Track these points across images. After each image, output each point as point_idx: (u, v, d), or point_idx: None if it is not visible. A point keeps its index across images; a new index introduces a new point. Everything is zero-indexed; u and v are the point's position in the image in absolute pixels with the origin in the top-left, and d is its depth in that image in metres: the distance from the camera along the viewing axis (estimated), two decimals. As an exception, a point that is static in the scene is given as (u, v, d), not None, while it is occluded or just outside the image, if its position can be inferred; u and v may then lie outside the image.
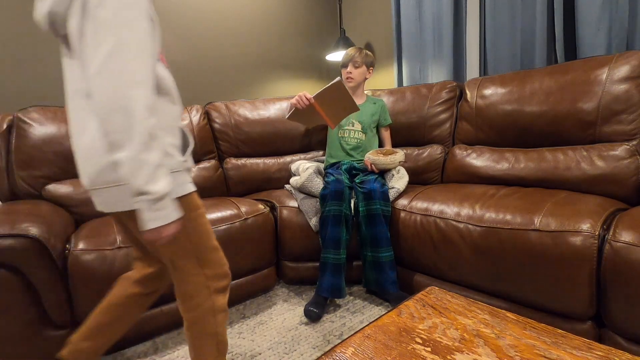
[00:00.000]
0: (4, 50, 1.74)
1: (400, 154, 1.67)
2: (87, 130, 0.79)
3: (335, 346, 0.57)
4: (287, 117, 1.55)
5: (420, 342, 0.55)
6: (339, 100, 1.44)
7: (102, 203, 0.83)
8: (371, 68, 1.87)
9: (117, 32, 0.70)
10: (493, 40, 2.01)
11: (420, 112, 1.93)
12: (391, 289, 1.48)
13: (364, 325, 0.84)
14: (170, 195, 0.75)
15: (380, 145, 1.95)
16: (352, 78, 1.82)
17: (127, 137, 0.69)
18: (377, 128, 1.91)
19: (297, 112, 1.48)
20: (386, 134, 1.93)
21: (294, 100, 1.46)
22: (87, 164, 0.80)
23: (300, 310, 1.53)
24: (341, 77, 1.58)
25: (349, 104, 1.46)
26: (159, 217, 0.74)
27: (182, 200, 0.84)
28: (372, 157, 1.66)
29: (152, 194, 0.71)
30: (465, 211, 1.31)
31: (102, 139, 0.76)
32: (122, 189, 0.78)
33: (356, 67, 1.81)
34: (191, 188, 0.87)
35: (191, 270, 0.89)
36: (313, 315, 1.42)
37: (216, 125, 2.03)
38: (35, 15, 0.79)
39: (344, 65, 1.83)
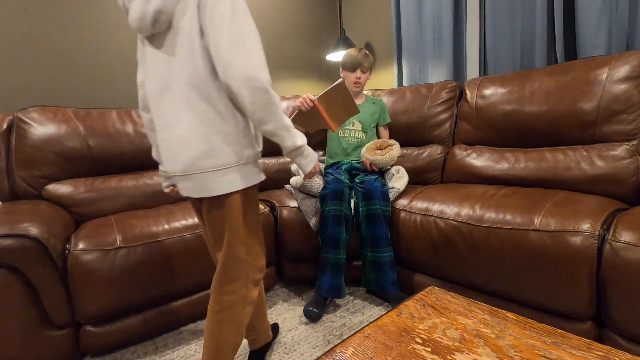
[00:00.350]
0: (4, 50, 1.74)
1: (396, 148, 1.66)
2: (181, 121, 0.87)
3: (335, 346, 0.57)
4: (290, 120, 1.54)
5: (420, 342, 0.55)
6: (341, 102, 1.43)
7: (192, 188, 0.90)
8: (372, 70, 1.88)
9: (238, 23, 0.82)
10: (493, 40, 2.01)
11: (420, 112, 1.92)
12: (391, 289, 1.48)
13: (364, 325, 0.84)
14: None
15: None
16: (359, 83, 1.81)
17: (271, 111, 0.84)
18: (376, 127, 1.91)
19: (300, 115, 1.48)
20: (385, 133, 1.93)
21: (297, 103, 1.46)
22: (182, 152, 0.88)
23: (300, 310, 1.53)
24: (342, 77, 1.57)
25: (350, 105, 1.46)
26: (310, 161, 0.95)
27: (255, 188, 0.95)
28: (370, 157, 1.66)
29: (300, 147, 0.92)
30: (465, 211, 1.31)
31: (195, 130, 0.86)
32: (210, 175, 0.87)
33: (364, 73, 1.81)
34: (262, 177, 0.97)
35: (241, 255, 0.95)
36: (313, 315, 1.42)
37: (216, 125, 2.03)
38: (135, 13, 0.84)
39: (352, 69, 1.80)
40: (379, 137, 1.93)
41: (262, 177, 0.96)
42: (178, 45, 0.85)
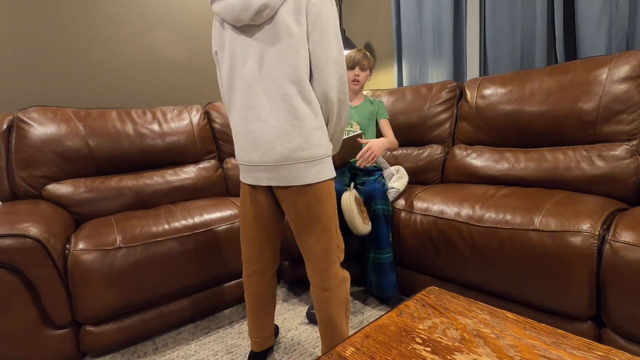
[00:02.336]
0: (4, 50, 1.74)
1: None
2: (276, 114, 0.92)
3: (335, 346, 0.57)
4: None
5: (420, 342, 0.55)
6: (351, 147, 1.48)
7: (284, 176, 0.95)
8: (372, 71, 1.86)
9: (337, 39, 0.93)
10: (493, 40, 2.01)
11: (420, 112, 1.92)
12: (391, 291, 1.48)
13: (364, 325, 0.84)
14: None
15: (381, 137, 1.89)
16: (358, 81, 1.80)
17: (343, 120, 1.00)
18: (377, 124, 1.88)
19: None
20: (386, 127, 1.82)
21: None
22: (277, 144, 0.92)
23: (300, 310, 1.53)
24: (361, 132, 1.61)
25: (356, 152, 1.51)
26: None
27: (333, 178, 1.02)
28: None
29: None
30: (465, 211, 1.31)
31: (290, 123, 0.91)
32: (303, 165, 0.93)
33: (363, 71, 1.80)
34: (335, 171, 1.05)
35: (334, 239, 1.02)
36: (315, 319, 1.42)
37: (216, 126, 2.03)
38: (238, 3, 0.87)
39: (351, 67, 1.79)
40: (381, 134, 1.89)
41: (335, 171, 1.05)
42: (280, 41, 0.89)
